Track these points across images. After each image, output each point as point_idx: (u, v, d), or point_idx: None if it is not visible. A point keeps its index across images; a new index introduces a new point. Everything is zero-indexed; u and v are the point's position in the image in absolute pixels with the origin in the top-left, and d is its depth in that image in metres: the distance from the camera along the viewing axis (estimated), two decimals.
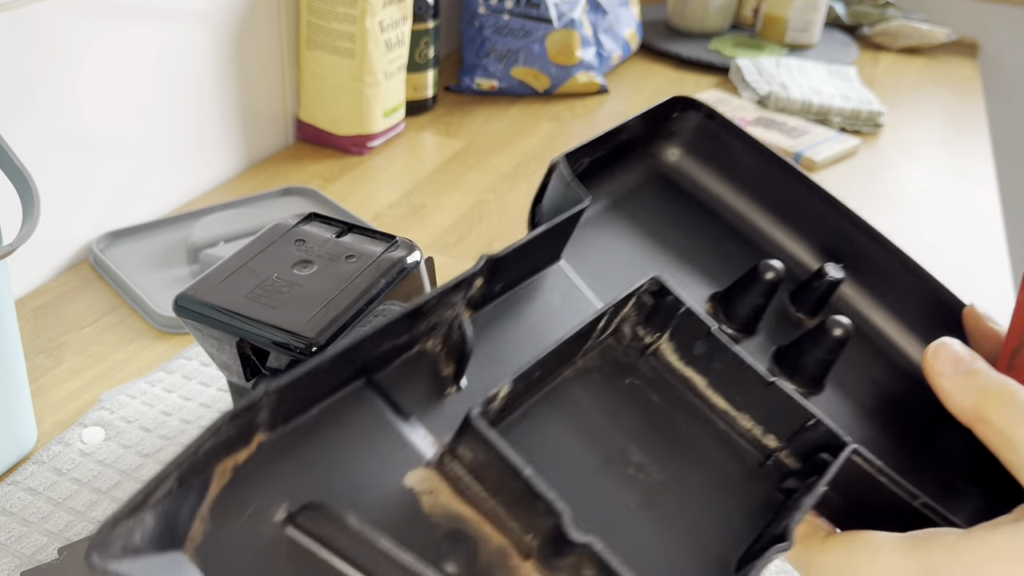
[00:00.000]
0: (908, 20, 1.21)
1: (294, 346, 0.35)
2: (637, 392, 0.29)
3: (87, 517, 0.40)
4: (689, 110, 0.37)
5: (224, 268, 0.40)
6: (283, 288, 0.38)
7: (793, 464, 0.28)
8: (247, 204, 0.70)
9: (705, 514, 0.27)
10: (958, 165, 0.88)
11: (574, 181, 0.30)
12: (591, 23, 0.99)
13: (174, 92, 0.68)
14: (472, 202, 0.74)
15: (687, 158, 0.38)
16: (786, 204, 0.37)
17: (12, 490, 0.41)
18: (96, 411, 0.47)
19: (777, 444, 0.28)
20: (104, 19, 0.60)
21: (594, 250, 0.34)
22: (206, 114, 0.72)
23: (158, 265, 0.61)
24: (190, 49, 0.68)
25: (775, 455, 0.28)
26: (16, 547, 0.39)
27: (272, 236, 0.42)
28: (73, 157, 0.61)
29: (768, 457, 0.28)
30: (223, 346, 0.39)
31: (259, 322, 0.36)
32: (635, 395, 0.29)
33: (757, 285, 0.32)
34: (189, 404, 0.48)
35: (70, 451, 0.44)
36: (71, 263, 0.62)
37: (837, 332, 0.31)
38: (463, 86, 0.95)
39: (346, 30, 0.75)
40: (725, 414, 0.29)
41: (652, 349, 0.30)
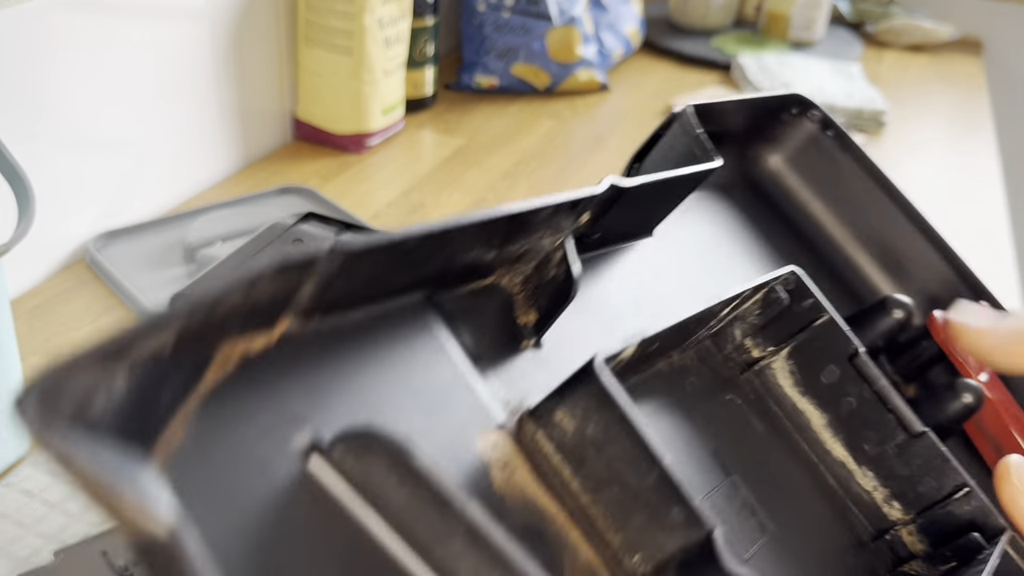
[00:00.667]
0: (912, 18, 1.20)
1: None
2: (739, 414, 0.23)
3: (83, 520, 0.40)
4: (803, 114, 0.32)
5: (220, 268, 0.39)
6: None
7: (916, 546, 0.22)
8: (244, 203, 0.69)
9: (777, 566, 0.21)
10: (962, 163, 0.88)
11: (704, 135, 0.25)
12: (592, 20, 0.99)
13: (171, 90, 0.68)
14: (472, 201, 0.74)
15: (788, 168, 0.33)
16: (890, 244, 0.31)
17: (7, 492, 0.41)
18: None
19: (903, 516, 0.22)
20: (100, 17, 0.60)
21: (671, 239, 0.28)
22: (203, 112, 0.72)
23: (155, 265, 0.61)
24: (187, 47, 0.68)
25: (895, 530, 0.22)
26: (11, 550, 0.38)
27: (269, 236, 0.42)
28: (69, 156, 0.60)
29: (885, 532, 0.22)
30: None
31: None
32: (738, 419, 0.23)
33: (881, 321, 0.26)
34: None
35: None
36: (67, 263, 0.62)
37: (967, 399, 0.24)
38: (463, 84, 0.95)
39: (344, 27, 0.74)
40: (841, 466, 0.23)
41: (760, 366, 0.24)
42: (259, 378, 0.16)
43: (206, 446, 0.15)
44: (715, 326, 0.23)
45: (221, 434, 0.15)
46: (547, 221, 0.19)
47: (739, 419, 0.23)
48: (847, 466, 0.23)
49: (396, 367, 0.18)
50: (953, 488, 0.21)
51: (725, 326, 0.24)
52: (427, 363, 0.18)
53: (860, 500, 0.23)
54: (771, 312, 0.23)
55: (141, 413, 0.13)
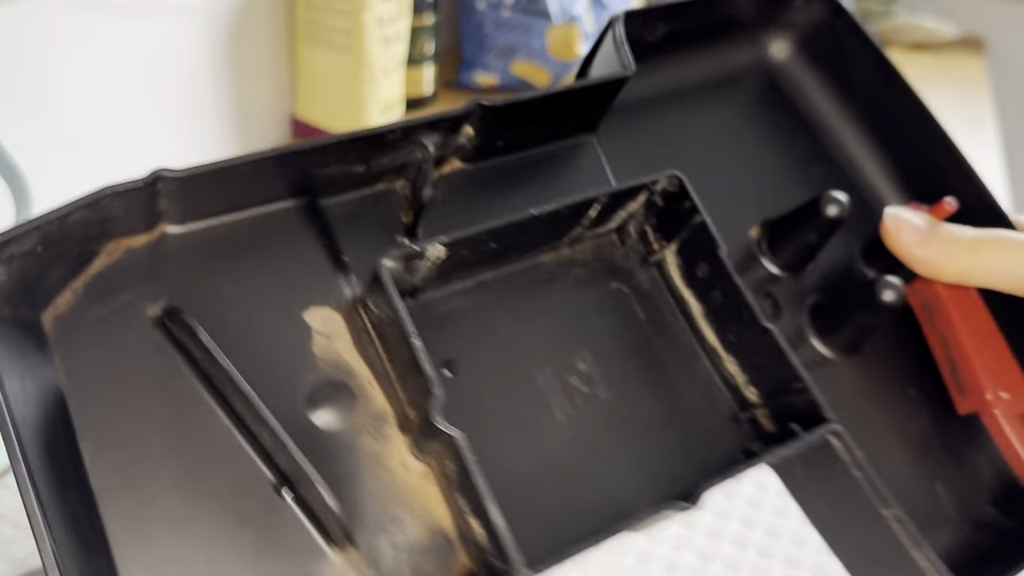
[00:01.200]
0: (914, 17, 1.20)
1: None
2: (621, 300, 0.26)
3: None
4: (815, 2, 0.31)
5: None
6: None
7: (768, 427, 0.25)
8: None
9: (635, 447, 0.24)
10: None
11: (624, 46, 0.26)
12: (593, 18, 0.98)
13: (169, 88, 0.68)
14: None
15: (799, 58, 0.32)
16: (899, 142, 0.31)
17: (4, 493, 0.41)
18: None
19: (757, 399, 0.25)
20: (98, 16, 0.60)
21: (649, 141, 0.29)
22: (201, 111, 0.71)
23: None
24: (185, 45, 0.68)
25: (752, 411, 0.25)
26: (9, 551, 0.38)
27: None
28: (67, 156, 0.60)
29: (744, 410, 0.25)
30: None
31: None
32: (617, 303, 0.26)
33: (815, 219, 0.27)
34: None
35: None
36: None
37: (888, 298, 0.26)
38: (463, 82, 0.94)
39: (343, 26, 0.74)
40: (713, 351, 0.26)
41: (657, 258, 0.26)
42: (139, 264, 0.21)
43: (85, 311, 0.20)
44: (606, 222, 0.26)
45: (99, 303, 0.20)
46: (405, 139, 0.22)
47: (622, 305, 0.26)
48: (717, 352, 0.26)
49: (257, 258, 0.22)
50: (790, 380, 0.23)
51: (624, 223, 0.26)
52: (288, 253, 0.23)
53: (728, 381, 0.26)
54: (655, 211, 0.25)
55: (29, 290, 0.19)
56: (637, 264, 0.26)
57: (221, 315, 0.21)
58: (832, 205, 0.26)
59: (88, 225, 0.19)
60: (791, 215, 0.28)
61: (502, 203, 0.25)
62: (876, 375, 0.28)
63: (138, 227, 0.21)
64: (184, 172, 0.20)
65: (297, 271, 0.23)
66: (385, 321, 0.22)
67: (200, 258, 0.21)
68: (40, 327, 0.19)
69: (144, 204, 0.20)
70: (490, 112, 0.23)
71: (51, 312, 0.20)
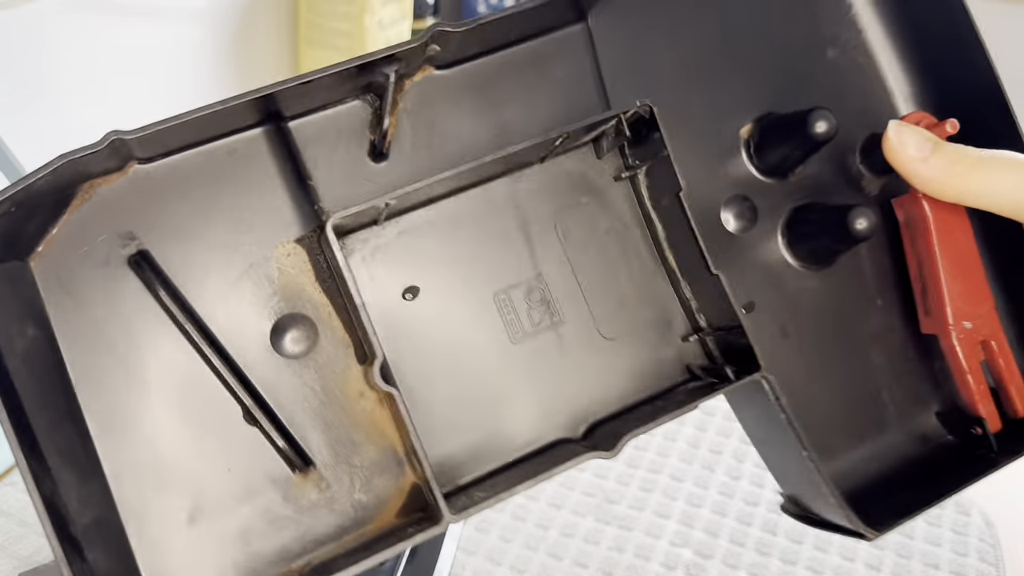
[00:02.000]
0: None
1: None
2: (585, 212, 0.26)
3: None
4: None
5: None
6: None
7: (714, 352, 0.26)
8: None
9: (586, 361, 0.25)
10: None
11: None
12: None
13: (172, 89, 0.68)
14: None
15: None
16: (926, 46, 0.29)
17: (9, 491, 0.41)
18: None
19: (707, 326, 0.26)
20: (103, 17, 0.60)
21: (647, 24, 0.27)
22: None
23: None
24: (189, 47, 0.68)
25: (702, 335, 0.26)
26: (14, 548, 0.38)
27: None
28: None
29: (695, 332, 0.26)
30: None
31: None
32: (582, 215, 0.26)
33: (801, 134, 0.26)
34: None
35: None
36: None
37: (860, 226, 0.26)
38: None
39: (345, 28, 0.74)
40: (673, 273, 0.26)
41: (630, 174, 0.26)
42: (111, 203, 0.22)
43: (66, 252, 0.22)
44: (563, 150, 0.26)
45: (78, 243, 0.22)
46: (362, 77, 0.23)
47: (585, 219, 0.26)
48: (676, 275, 0.26)
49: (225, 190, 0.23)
50: (732, 323, 0.24)
51: (600, 137, 0.26)
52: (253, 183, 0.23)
53: (683, 303, 0.26)
54: (624, 137, 0.25)
55: (11, 242, 0.21)
56: (610, 178, 0.26)
57: (189, 249, 0.23)
58: (821, 122, 0.26)
59: (56, 183, 0.20)
60: (779, 123, 0.28)
61: (481, 107, 0.25)
62: (844, 286, 0.28)
63: (110, 169, 0.22)
64: (138, 133, 0.21)
65: (263, 203, 0.23)
66: (334, 271, 0.23)
67: (170, 193, 0.23)
68: (28, 272, 0.21)
69: (110, 153, 0.21)
70: (443, 36, 0.23)
71: (36, 258, 0.21)
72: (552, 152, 0.25)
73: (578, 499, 0.43)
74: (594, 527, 0.41)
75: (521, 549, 0.40)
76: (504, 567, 0.39)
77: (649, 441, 0.47)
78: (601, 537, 0.41)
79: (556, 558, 0.40)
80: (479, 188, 0.25)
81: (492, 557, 0.40)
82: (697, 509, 0.43)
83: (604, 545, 0.41)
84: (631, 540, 0.41)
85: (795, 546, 0.41)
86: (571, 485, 0.44)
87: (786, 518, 0.27)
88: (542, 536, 0.41)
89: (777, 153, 0.28)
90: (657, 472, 0.45)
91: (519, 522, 0.41)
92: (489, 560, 0.39)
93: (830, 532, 0.26)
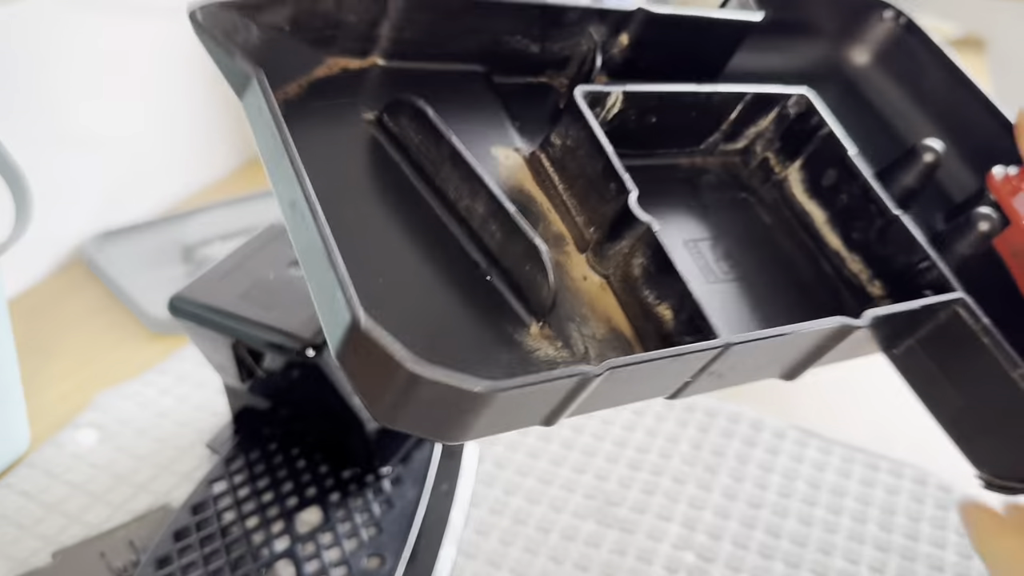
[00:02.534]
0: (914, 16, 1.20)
1: (289, 347, 0.35)
2: (748, 207, 0.28)
3: (81, 521, 0.40)
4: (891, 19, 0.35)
5: (220, 268, 0.39)
6: (278, 288, 0.38)
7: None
8: (242, 203, 0.69)
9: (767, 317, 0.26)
10: None
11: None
12: None
13: (169, 88, 0.68)
14: None
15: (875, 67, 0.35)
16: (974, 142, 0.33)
17: (5, 493, 0.41)
18: (90, 413, 0.46)
19: (881, 292, 0.27)
20: (98, 15, 0.60)
21: None
22: (200, 112, 0.71)
23: (152, 265, 0.61)
24: (185, 45, 0.68)
25: (875, 303, 0.27)
26: (10, 551, 0.38)
27: (268, 236, 0.42)
28: (66, 155, 0.60)
29: (866, 304, 0.27)
30: (218, 347, 0.38)
31: (254, 322, 0.36)
32: (745, 209, 0.28)
33: (914, 164, 0.29)
34: (184, 407, 0.47)
35: (63, 454, 0.43)
36: (65, 263, 0.62)
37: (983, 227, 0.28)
38: None
39: None
40: (836, 255, 0.28)
41: (779, 178, 0.29)
42: (351, 83, 0.24)
43: (309, 101, 0.23)
44: (735, 140, 0.28)
45: (320, 98, 0.23)
46: (580, 24, 0.25)
47: (748, 212, 0.28)
48: (840, 255, 0.27)
49: (448, 101, 0.25)
50: (919, 259, 0.25)
51: (750, 144, 0.29)
52: (473, 105, 0.25)
53: (849, 283, 0.27)
54: (783, 126, 0.28)
55: (265, 63, 0.21)
56: (759, 183, 0.29)
57: (421, 127, 0.24)
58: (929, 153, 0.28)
59: (323, 26, 0.22)
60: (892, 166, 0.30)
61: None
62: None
63: (355, 51, 0.24)
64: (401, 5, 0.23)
65: (480, 118, 0.26)
66: (571, 147, 0.24)
67: (401, 89, 0.24)
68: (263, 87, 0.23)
69: (364, 29, 0.23)
70: (650, 19, 0.26)
71: (280, 95, 0.23)
72: (718, 140, 0.28)
73: (579, 502, 0.42)
74: (595, 530, 0.41)
75: (521, 553, 0.40)
76: (504, 571, 0.39)
77: (651, 443, 0.47)
78: (602, 540, 0.41)
79: (557, 562, 0.39)
80: (655, 159, 0.28)
81: (492, 561, 0.39)
82: (699, 512, 0.42)
83: (605, 548, 0.40)
84: (633, 543, 0.41)
85: (798, 549, 0.41)
86: (572, 487, 0.43)
87: (790, 521, 0.26)
88: (543, 540, 0.40)
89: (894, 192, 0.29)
90: (659, 475, 0.44)
91: (520, 525, 0.41)
92: (489, 564, 0.39)
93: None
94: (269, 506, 0.40)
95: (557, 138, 0.25)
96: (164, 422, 0.46)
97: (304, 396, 0.40)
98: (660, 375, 0.22)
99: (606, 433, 0.47)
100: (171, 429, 0.45)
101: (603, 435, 0.47)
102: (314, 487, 0.41)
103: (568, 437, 0.46)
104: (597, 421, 0.47)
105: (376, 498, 0.41)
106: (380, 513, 0.40)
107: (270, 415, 0.43)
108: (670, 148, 0.28)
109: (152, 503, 0.41)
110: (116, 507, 0.40)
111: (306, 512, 0.40)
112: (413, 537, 0.39)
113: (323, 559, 0.38)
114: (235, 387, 0.42)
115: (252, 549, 0.38)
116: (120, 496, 0.41)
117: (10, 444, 0.43)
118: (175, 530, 0.38)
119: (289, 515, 0.40)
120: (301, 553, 0.38)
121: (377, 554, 0.38)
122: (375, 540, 0.39)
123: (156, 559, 0.37)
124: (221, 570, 0.37)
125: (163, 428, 0.45)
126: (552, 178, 0.25)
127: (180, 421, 0.46)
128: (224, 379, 0.43)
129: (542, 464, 0.44)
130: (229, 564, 0.37)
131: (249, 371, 0.38)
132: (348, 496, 0.41)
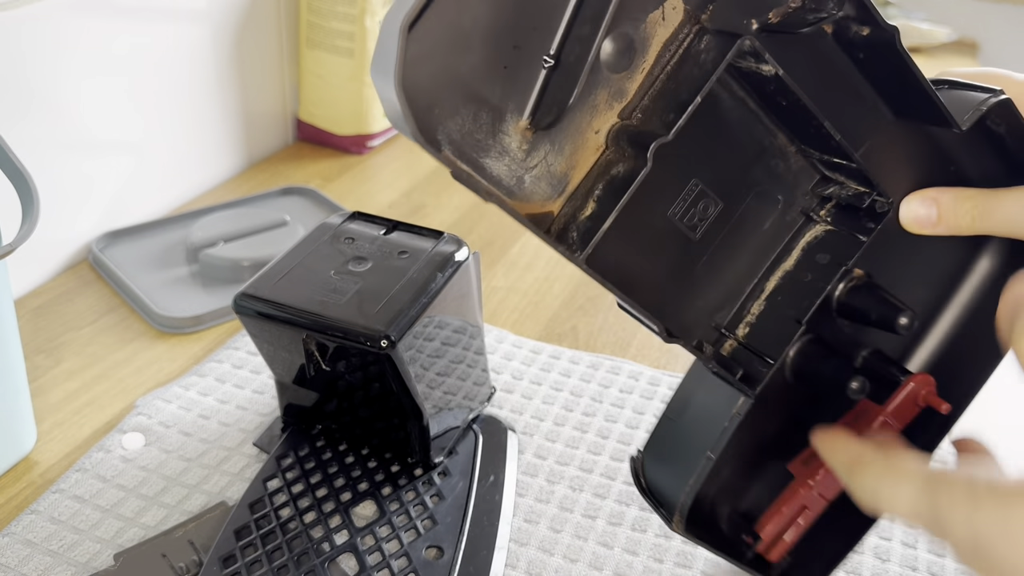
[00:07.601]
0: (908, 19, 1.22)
1: (366, 339, 0.35)
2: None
3: (138, 523, 0.39)
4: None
5: (278, 268, 0.40)
6: (343, 284, 0.38)
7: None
8: (246, 204, 0.69)
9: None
10: None
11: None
12: None
13: (174, 91, 0.67)
14: (472, 201, 0.74)
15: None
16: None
17: (59, 498, 0.40)
18: (133, 416, 0.46)
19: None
20: (104, 19, 0.59)
21: None
22: (205, 113, 0.71)
23: (157, 265, 0.60)
24: (190, 48, 0.67)
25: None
26: (70, 555, 0.38)
27: (320, 235, 0.42)
28: (72, 157, 0.59)
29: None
30: (286, 342, 0.38)
31: (328, 317, 0.36)
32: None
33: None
34: (226, 407, 0.47)
35: (112, 457, 0.43)
36: (70, 263, 0.61)
37: (852, 387, 0.29)
38: None
39: (346, 29, 0.74)
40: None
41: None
42: None
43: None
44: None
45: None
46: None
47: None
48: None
49: None
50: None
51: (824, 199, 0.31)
52: None
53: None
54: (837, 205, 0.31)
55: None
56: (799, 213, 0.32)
57: None
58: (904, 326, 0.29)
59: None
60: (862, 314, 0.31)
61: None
62: None
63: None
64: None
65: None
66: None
67: None
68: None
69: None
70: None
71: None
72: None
73: (621, 488, 0.44)
74: (640, 515, 0.43)
75: (572, 539, 0.41)
76: (557, 556, 0.40)
77: None
78: (648, 526, 0.42)
79: (607, 547, 0.41)
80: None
81: (545, 547, 0.40)
82: None
83: (651, 532, 0.42)
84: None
85: None
86: (612, 475, 0.45)
87: None
88: (590, 526, 0.42)
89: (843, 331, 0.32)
90: None
91: (566, 512, 0.42)
92: (542, 551, 0.40)
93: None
94: (324, 501, 0.40)
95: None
96: (208, 423, 0.46)
97: (368, 388, 0.41)
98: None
99: (640, 423, 0.48)
100: (216, 430, 0.45)
101: (637, 424, 0.48)
102: (366, 481, 0.42)
103: (603, 427, 0.48)
104: (630, 411, 0.49)
105: (427, 491, 0.42)
106: (433, 505, 0.41)
107: (319, 411, 0.44)
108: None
109: (206, 503, 0.41)
110: (171, 508, 0.40)
111: (360, 506, 0.41)
112: (467, 528, 0.40)
113: (383, 551, 0.38)
114: (287, 383, 0.42)
115: (313, 544, 0.38)
116: (174, 497, 0.41)
117: (17, 442, 0.43)
118: (235, 528, 0.38)
119: (345, 509, 0.40)
120: (361, 546, 0.38)
121: (435, 545, 0.39)
122: (431, 532, 0.39)
123: (220, 557, 0.37)
124: (286, 566, 0.37)
125: (208, 429, 0.45)
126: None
127: (224, 422, 0.46)
128: (277, 375, 0.43)
129: (581, 453, 0.46)
130: (293, 560, 0.38)
131: (316, 365, 0.39)
132: (399, 489, 0.42)
